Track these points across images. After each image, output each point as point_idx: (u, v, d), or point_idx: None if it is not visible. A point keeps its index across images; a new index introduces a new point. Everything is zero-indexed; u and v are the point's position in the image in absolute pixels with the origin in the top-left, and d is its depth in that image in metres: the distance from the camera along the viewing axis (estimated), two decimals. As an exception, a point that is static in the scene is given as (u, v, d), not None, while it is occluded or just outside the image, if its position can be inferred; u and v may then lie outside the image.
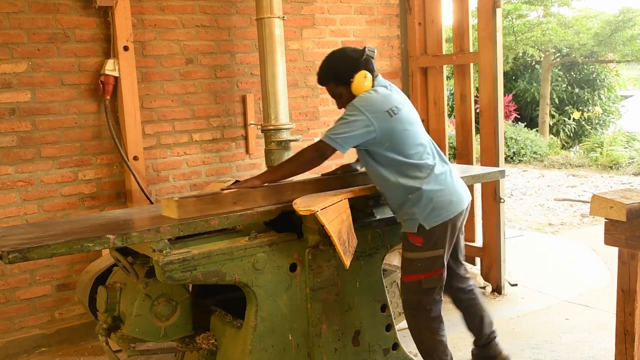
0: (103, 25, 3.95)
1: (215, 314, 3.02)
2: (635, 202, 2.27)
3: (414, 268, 2.97)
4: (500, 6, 4.40)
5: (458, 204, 2.96)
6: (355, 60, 2.95)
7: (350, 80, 2.93)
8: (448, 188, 2.94)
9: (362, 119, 2.83)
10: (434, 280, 2.96)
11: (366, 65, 2.95)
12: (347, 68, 2.95)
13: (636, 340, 2.38)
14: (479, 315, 3.31)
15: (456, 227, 2.99)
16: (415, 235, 2.93)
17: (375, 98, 2.90)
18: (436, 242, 2.93)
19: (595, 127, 15.38)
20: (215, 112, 4.41)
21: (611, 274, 5.04)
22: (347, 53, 3.02)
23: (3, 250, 2.26)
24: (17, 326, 3.89)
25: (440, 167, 2.97)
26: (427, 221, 2.90)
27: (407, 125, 2.91)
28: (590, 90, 15.63)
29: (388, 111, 2.86)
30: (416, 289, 2.98)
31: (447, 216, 2.92)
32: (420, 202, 2.89)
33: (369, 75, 2.94)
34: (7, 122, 3.75)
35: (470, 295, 3.30)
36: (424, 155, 2.94)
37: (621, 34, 14.52)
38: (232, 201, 2.78)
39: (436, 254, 2.94)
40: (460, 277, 3.27)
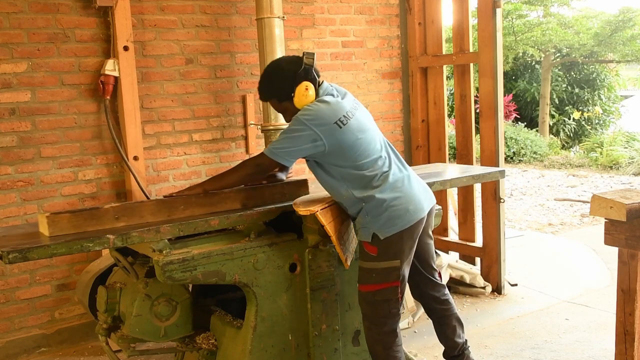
0: (103, 25, 3.95)
1: (215, 314, 3.02)
2: (635, 202, 2.27)
3: (368, 278, 2.80)
4: (500, 6, 4.40)
5: (415, 212, 2.79)
6: (293, 73, 2.77)
7: (292, 94, 2.77)
8: (405, 196, 2.78)
9: (308, 133, 2.68)
10: (389, 292, 2.79)
11: (306, 75, 2.78)
12: (285, 83, 2.79)
13: (636, 340, 2.38)
14: (452, 326, 3.16)
15: (414, 236, 2.82)
16: (370, 245, 2.76)
17: (322, 110, 2.72)
18: (393, 253, 2.76)
19: (595, 127, 15.38)
20: (215, 112, 4.41)
21: (611, 274, 5.04)
22: (282, 67, 2.83)
23: (3, 250, 2.26)
24: (17, 326, 3.89)
25: (397, 173, 2.82)
26: (381, 231, 2.73)
27: (359, 133, 2.74)
28: (590, 90, 15.63)
29: (337, 122, 2.69)
30: (370, 300, 2.82)
31: (403, 225, 2.75)
32: (373, 211, 2.74)
33: (310, 86, 2.77)
34: (7, 122, 3.75)
35: (445, 305, 3.14)
36: (377, 162, 2.78)
37: (621, 34, 14.52)
38: (114, 216, 2.58)
39: (392, 265, 2.76)
40: (434, 284, 3.11)
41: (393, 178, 2.79)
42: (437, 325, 3.20)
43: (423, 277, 3.07)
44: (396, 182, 2.79)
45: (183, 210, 2.73)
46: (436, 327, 3.21)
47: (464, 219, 4.93)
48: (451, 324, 3.16)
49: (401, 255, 2.78)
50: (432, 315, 3.19)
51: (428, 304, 3.17)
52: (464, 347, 3.22)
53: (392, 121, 5.20)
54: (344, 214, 2.86)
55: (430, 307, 3.17)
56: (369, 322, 2.87)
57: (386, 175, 2.78)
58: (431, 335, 3.97)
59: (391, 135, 5.19)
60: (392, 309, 2.82)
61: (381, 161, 2.80)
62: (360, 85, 5.02)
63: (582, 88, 15.65)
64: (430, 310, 3.18)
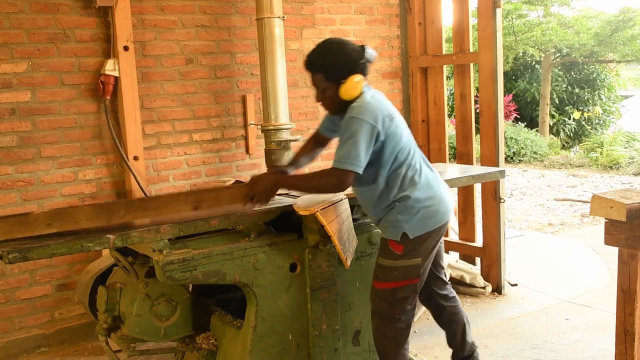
0: (103, 25, 3.95)
1: (215, 314, 3.02)
2: (635, 202, 2.26)
3: (389, 276, 2.80)
4: (500, 6, 4.40)
5: (445, 214, 2.83)
6: (354, 61, 2.71)
7: (342, 80, 2.70)
8: (437, 196, 2.81)
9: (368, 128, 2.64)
10: (409, 289, 2.81)
11: (362, 69, 2.74)
12: (343, 67, 2.71)
13: (636, 340, 2.38)
14: (462, 324, 3.15)
15: (439, 236, 2.87)
16: (397, 243, 2.77)
17: (373, 104, 2.70)
18: (417, 252, 2.78)
19: (595, 127, 15.38)
20: (215, 112, 4.41)
21: (611, 274, 5.04)
22: (347, 50, 2.73)
23: (3, 250, 2.26)
24: (17, 326, 3.89)
25: (429, 174, 2.85)
26: (412, 230, 2.74)
27: (400, 131, 2.76)
28: (590, 90, 15.63)
29: (387, 116, 2.71)
30: (388, 297, 2.81)
31: (433, 226, 2.79)
32: (407, 210, 2.75)
33: (362, 81, 2.72)
34: (7, 122, 3.75)
35: (453, 302, 3.15)
36: (413, 163, 2.80)
37: (621, 34, 14.52)
38: (45, 222, 2.45)
39: (414, 263, 2.78)
40: (442, 282, 3.13)
41: (426, 179, 2.81)
42: (447, 325, 3.18)
43: (432, 274, 3.06)
44: (429, 182, 2.82)
45: (123, 215, 2.58)
46: (446, 327, 3.19)
47: (464, 219, 4.93)
48: (461, 321, 3.15)
49: (424, 253, 2.80)
50: (442, 314, 3.16)
51: (437, 303, 3.15)
52: (473, 348, 3.21)
53: (392, 121, 5.19)
54: (344, 213, 2.86)
55: (439, 305, 3.15)
56: (382, 319, 2.86)
57: (420, 176, 2.80)
58: (431, 335, 3.98)
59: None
60: (410, 305, 2.84)
61: (415, 162, 2.82)
62: (360, 85, 5.01)
63: (582, 88, 15.65)
64: (439, 309, 3.16)
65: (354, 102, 2.71)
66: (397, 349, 2.87)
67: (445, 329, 3.20)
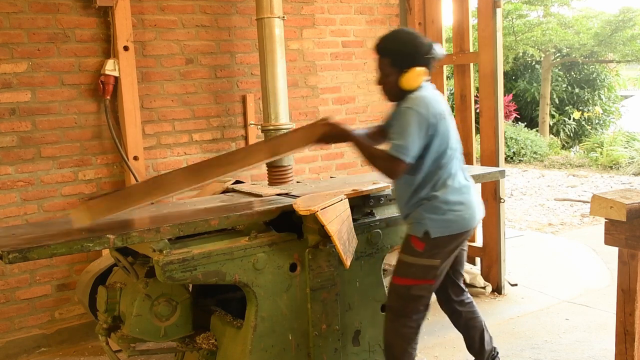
0: (103, 25, 3.95)
1: (215, 314, 3.02)
2: (635, 202, 2.27)
3: (407, 272, 2.86)
4: (500, 6, 4.40)
5: (469, 221, 2.87)
6: (421, 54, 2.79)
7: (406, 69, 2.77)
8: (465, 203, 2.86)
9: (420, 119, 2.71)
10: (424, 289, 2.86)
11: (427, 63, 2.82)
12: (411, 56, 2.78)
13: (636, 340, 2.38)
14: (480, 329, 3.19)
15: (460, 242, 2.91)
16: (419, 240, 2.83)
17: (427, 98, 2.78)
18: (437, 253, 2.83)
19: (595, 127, 15.38)
20: (215, 112, 4.41)
21: (611, 274, 5.04)
22: (418, 42, 2.81)
23: (3, 250, 2.26)
24: (17, 326, 3.89)
25: (462, 181, 2.90)
26: (433, 230, 2.80)
27: (448, 133, 2.83)
28: (590, 90, 15.63)
29: (439, 114, 2.78)
30: (404, 294, 2.87)
31: (455, 230, 2.84)
32: (433, 210, 2.81)
33: (424, 75, 2.81)
34: (7, 122, 3.75)
35: (470, 308, 3.19)
36: (451, 166, 2.85)
37: (621, 34, 14.52)
38: (144, 192, 2.65)
39: (433, 263, 2.83)
40: (459, 289, 3.18)
41: (459, 184, 2.86)
42: (465, 330, 3.21)
43: (450, 280, 3.11)
44: (462, 188, 2.87)
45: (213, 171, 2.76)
46: (465, 333, 3.22)
47: (464, 219, 4.93)
48: (479, 326, 3.19)
49: (444, 256, 2.85)
50: (459, 319, 3.20)
51: (453, 308, 3.19)
52: (494, 354, 3.24)
53: (392, 121, 5.20)
54: (344, 214, 2.86)
55: (455, 310, 3.19)
56: (394, 315, 2.91)
57: (454, 180, 2.85)
58: (431, 335, 3.98)
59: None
60: (422, 305, 2.89)
61: (453, 166, 2.87)
62: (361, 85, 5.02)
63: (582, 88, 15.65)
64: (456, 314, 3.20)
65: (412, 94, 2.79)
66: (404, 347, 2.91)
67: (464, 334, 3.24)
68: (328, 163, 4.94)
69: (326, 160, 4.93)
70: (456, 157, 2.90)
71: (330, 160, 4.95)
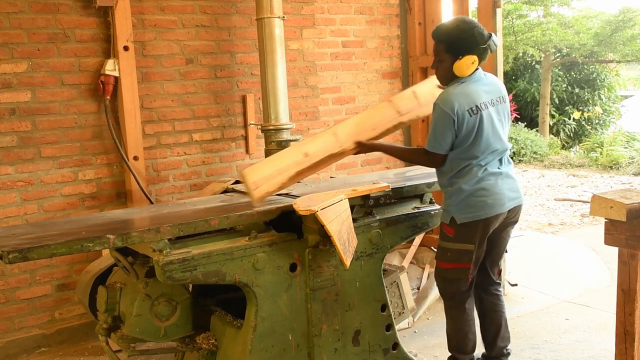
0: (103, 25, 3.95)
1: (215, 314, 3.02)
2: (635, 202, 2.27)
3: (444, 256, 3.12)
4: (500, 6, 4.39)
5: (494, 207, 3.00)
6: (477, 44, 2.95)
7: (460, 57, 2.96)
8: (489, 190, 2.99)
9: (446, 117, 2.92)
10: (459, 272, 3.08)
11: (481, 53, 2.98)
12: (465, 44, 2.96)
13: (636, 340, 2.38)
14: (497, 323, 3.30)
15: (489, 227, 3.05)
16: (448, 226, 3.07)
17: (457, 95, 2.95)
18: (467, 237, 3.02)
19: (595, 127, 15.37)
20: (215, 112, 4.41)
21: (611, 274, 5.04)
22: (475, 32, 2.98)
23: (3, 250, 2.26)
24: (17, 326, 3.89)
25: (491, 170, 3.02)
26: (458, 216, 3.02)
27: (481, 126, 2.95)
28: (590, 90, 15.62)
29: (468, 110, 2.92)
30: (443, 276, 3.16)
31: (480, 216, 2.99)
32: (455, 197, 3.02)
33: (476, 62, 2.98)
34: (7, 122, 3.75)
35: (495, 300, 3.31)
36: (482, 155, 2.99)
37: (621, 34, 14.51)
38: (301, 153, 3.04)
39: (466, 247, 3.03)
40: (490, 278, 3.30)
41: (483, 174, 3.00)
42: (483, 319, 3.35)
43: (485, 270, 3.26)
44: (485, 177, 3.00)
45: None
46: (482, 321, 3.36)
47: (464, 219, 4.92)
48: (497, 321, 3.31)
49: (475, 241, 3.03)
50: (481, 307, 3.34)
51: (480, 295, 3.32)
52: (504, 354, 3.33)
53: (392, 121, 5.19)
54: (344, 214, 2.86)
55: (479, 297, 3.32)
56: (442, 297, 3.26)
57: (480, 169, 3.00)
58: (431, 335, 3.98)
59: (391, 135, 5.18)
60: (462, 287, 3.12)
61: (484, 158, 3.00)
62: (361, 85, 5.02)
63: (582, 88, 15.63)
64: (480, 301, 3.33)
65: (451, 85, 3.01)
66: (454, 323, 3.21)
67: (480, 322, 3.37)
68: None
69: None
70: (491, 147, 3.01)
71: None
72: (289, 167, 3.03)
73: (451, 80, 3.04)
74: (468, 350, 3.23)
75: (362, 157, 5.07)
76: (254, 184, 2.92)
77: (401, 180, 3.49)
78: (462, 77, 2.99)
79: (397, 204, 3.26)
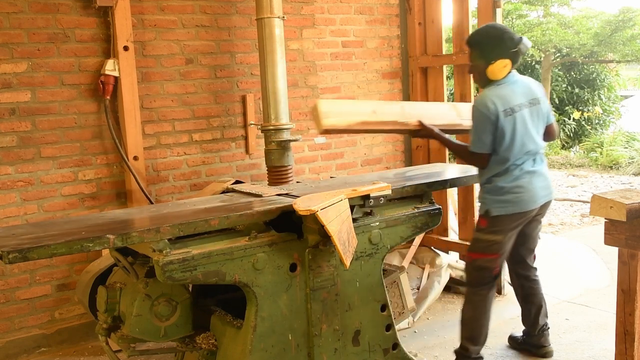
0: (103, 25, 3.95)
1: (215, 314, 3.02)
2: (635, 202, 2.27)
3: (474, 246, 3.36)
4: (500, 6, 4.40)
5: (527, 203, 3.24)
6: (507, 48, 3.16)
7: (492, 61, 3.17)
8: (523, 187, 3.23)
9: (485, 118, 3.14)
10: (487, 262, 3.30)
11: (513, 57, 3.18)
12: (496, 49, 3.17)
13: (636, 340, 2.38)
14: (538, 305, 3.57)
15: (520, 221, 3.29)
16: (483, 218, 3.32)
17: (494, 96, 3.15)
18: (498, 230, 3.25)
19: (595, 127, 15.36)
20: (215, 112, 4.41)
21: (611, 274, 5.04)
22: (506, 37, 3.19)
23: (3, 250, 2.26)
24: (17, 326, 3.89)
25: (527, 168, 3.25)
26: (493, 209, 3.25)
27: (517, 127, 3.16)
28: (590, 90, 15.61)
29: (503, 111, 3.13)
30: (471, 266, 3.40)
31: (514, 210, 3.23)
32: (492, 191, 3.27)
33: (508, 65, 3.18)
34: (7, 122, 3.75)
35: (533, 285, 3.57)
36: (517, 155, 3.20)
37: (621, 34, 14.50)
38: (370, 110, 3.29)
39: (494, 239, 3.26)
40: (527, 265, 3.56)
41: (519, 172, 3.24)
42: (523, 302, 3.63)
43: (520, 257, 3.53)
44: (521, 176, 3.24)
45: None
46: (523, 304, 3.64)
47: (464, 219, 4.93)
48: (537, 302, 3.58)
49: (505, 233, 3.28)
50: (521, 291, 3.62)
51: (518, 282, 3.63)
52: (544, 328, 3.63)
53: (392, 121, 5.19)
54: (344, 214, 2.86)
55: (519, 285, 3.62)
56: (467, 284, 3.47)
57: (516, 169, 3.23)
58: (431, 335, 3.98)
59: (391, 135, 5.19)
60: (487, 277, 3.36)
61: (520, 157, 3.22)
62: (361, 85, 5.02)
63: (582, 88, 15.63)
64: (519, 287, 3.63)
65: (487, 88, 3.23)
66: (472, 312, 3.39)
67: (522, 306, 3.66)
68: (328, 163, 4.94)
69: (326, 160, 4.93)
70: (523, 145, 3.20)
71: (330, 160, 4.95)
72: (358, 113, 3.24)
73: (487, 84, 3.25)
74: (480, 342, 3.42)
75: (362, 158, 5.07)
76: (326, 113, 3.09)
77: (401, 180, 3.49)
78: (497, 80, 3.20)
79: (397, 204, 3.27)
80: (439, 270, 4.69)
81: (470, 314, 3.41)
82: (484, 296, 3.37)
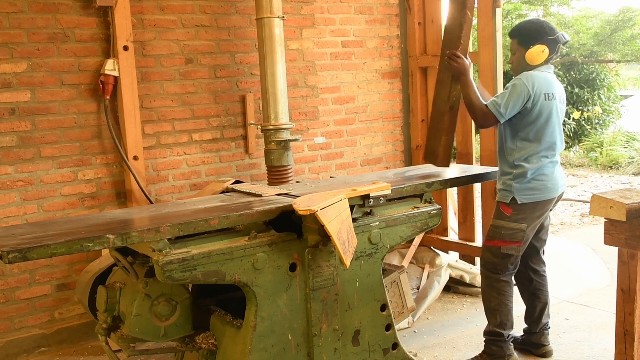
0: (103, 25, 3.95)
1: (215, 314, 3.02)
2: (635, 202, 2.27)
3: (498, 235, 3.39)
4: (500, 6, 4.40)
5: (552, 191, 3.35)
6: (545, 34, 3.31)
7: (531, 46, 3.31)
8: (549, 176, 3.34)
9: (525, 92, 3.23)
10: (512, 249, 3.37)
11: (550, 44, 3.32)
12: (534, 34, 3.32)
13: (636, 340, 2.38)
14: (544, 302, 3.60)
15: (545, 209, 3.38)
16: (507, 206, 3.37)
17: (539, 77, 3.28)
18: (523, 218, 3.33)
19: (595, 127, 15.34)
20: (215, 112, 4.41)
21: (611, 274, 5.04)
22: (543, 24, 3.39)
23: (3, 250, 2.26)
24: (17, 326, 3.89)
25: (552, 159, 3.36)
26: (520, 196, 3.32)
27: (551, 113, 3.29)
28: (590, 90, 15.59)
29: (545, 94, 3.26)
30: (495, 253, 3.41)
31: (540, 198, 3.33)
32: (520, 179, 3.33)
33: (546, 51, 3.31)
34: (7, 122, 3.75)
35: (542, 280, 3.61)
36: (545, 144, 3.31)
37: (621, 34, 14.50)
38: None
39: (520, 227, 3.33)
40: (539, 258, 3.61)
41: (547, 162, 3.34)
42: (529, 298, 3.63)
43: (534, 249, 3.56)
44: (548, 164, 3.35)
45: None
46: (528, 300, 3.64)
47: (464, 219, 4.93)
48: (543, 299, 3.61)
49: (530, 221, 3.35)
50: (529, 286, 3.62)
51: (527, 275, 3.61)
52: (545, 327, 3.65)
53: (392, 121, 5.20)
54: (344, 214, 2.86)
55: (528, 278, 3.61)
56: (489, 272, 3.46)
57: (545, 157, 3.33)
58: (431, 336, 3.98)
59: (391, 135, 5.20)
60: (512, 264, 3.42)
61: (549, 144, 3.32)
62: (360, 85, 5.02)
63: (582, 88, 15.61)
64: (528, 281, 3.62)
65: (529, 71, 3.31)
66: (499, 298, 3.43)
67: (527, 302, 3.66)
68: (328, 163, 4.94)
69: (326, 160, 4.93)
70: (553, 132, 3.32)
71: (330, 160, 4.95)
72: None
73: (523, 71, 3.35)
74: (510, 326, 3.48)
75: (362, 158, 5.07)
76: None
77: (401, 180, 3.50)
78: (535, 65, 3.33)
79: (397, 204, 3.26)
80: (439, 270, 4.69)
81: (497, 301, 3.44)
82: (508, 282, 3.44)
